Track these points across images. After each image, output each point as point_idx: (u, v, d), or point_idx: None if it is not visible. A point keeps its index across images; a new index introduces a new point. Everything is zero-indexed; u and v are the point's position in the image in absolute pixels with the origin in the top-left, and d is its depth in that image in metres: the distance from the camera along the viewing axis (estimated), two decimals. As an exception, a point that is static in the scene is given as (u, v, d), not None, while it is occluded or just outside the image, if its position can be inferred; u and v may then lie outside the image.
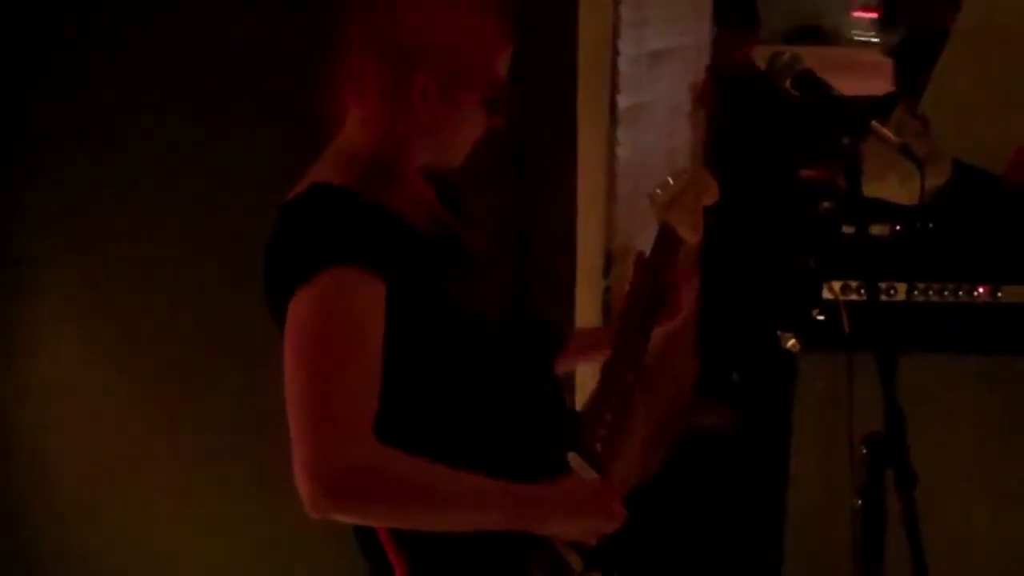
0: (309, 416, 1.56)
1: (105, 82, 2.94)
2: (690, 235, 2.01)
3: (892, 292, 3.11)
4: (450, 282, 1.77)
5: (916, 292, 3.12)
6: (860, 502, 1.77)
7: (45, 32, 2.93)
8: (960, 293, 3.13)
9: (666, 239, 2.00)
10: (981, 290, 3.12)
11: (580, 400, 2.52)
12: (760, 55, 1.97)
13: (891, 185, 3.17)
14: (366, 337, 1.61)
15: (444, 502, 1.64)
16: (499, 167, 2.64)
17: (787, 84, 1.88)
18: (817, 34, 9.38)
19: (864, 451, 1.76)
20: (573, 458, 1.79)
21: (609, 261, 3.05)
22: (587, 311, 2.94)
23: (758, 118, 4.32)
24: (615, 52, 2.93)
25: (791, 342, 3.12)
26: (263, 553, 3.21)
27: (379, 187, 1.72)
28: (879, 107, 3.74)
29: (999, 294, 3.13)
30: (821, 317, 3.08)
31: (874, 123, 1.80)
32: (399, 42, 1.72)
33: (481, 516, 1.67)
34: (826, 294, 3.09)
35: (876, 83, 4.05)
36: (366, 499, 1.58)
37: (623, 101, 2.99)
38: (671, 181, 2.01)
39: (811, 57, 1.98)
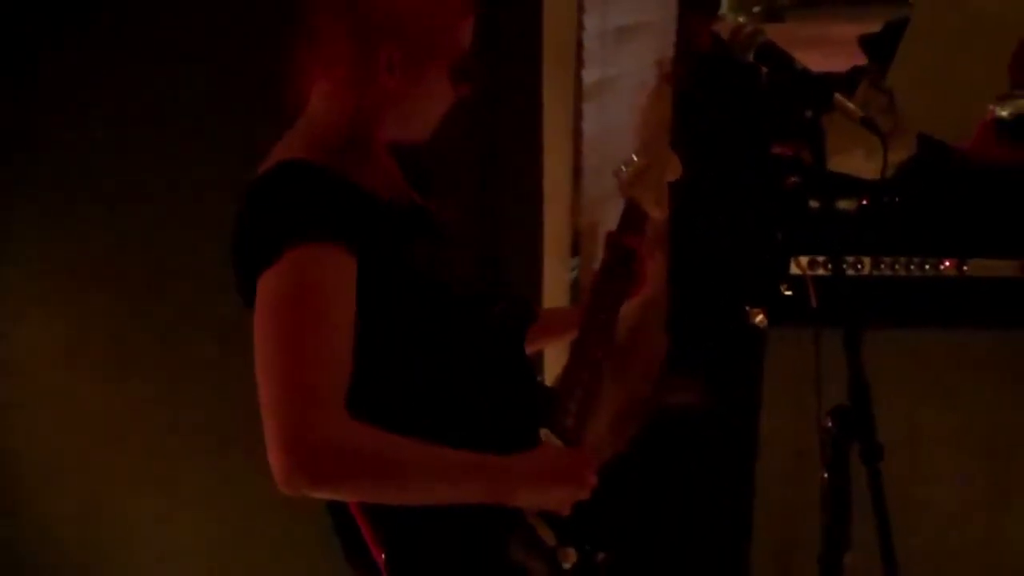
0: (280, 391, 1.55)
1: (77, 72, 2.91)
2: (655, 211, 2.03)
3: (859, 266, 3.12)
4: (420, 256, 1.77)
5: (882, 266, 3.13)
6: (827, 474, 1.78)
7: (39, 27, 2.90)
8: (926, 267, 3.14)
9: (632, 215, 2.02)
10: (947, 264, 3.14)
11: (549, 378, 2.52)
12: (724, 29, 1.97)
13: (857, 159, 3.18)
14: (336, 312, 1.61)
15: (417, 476, 1.64)
16: (464, 144, 2.63)
17: (750, 57, 1.88)
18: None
19: (830, 424, 1.77)
20: (545, 433, 1.79)
21: (577, 238, 3.04)
22: (555, 288, 2.94)
23: (725, 93, 4.32)
24: (580, 27, 2.92)
25: (759, 317, 3.12)
26: (257, 548, 3.20)
27: (347, 162, 1.72)
28: (845, 81, 3.75)
29: (965, 268, 3.14)
30: (789, 292, 3.09)
31: (837, 96, 1.80)
32: (364, 15, 1.71)
33: (455, 489, 1.67)
34: (793, 269, 3.09)
35: (842, 58, 4.06)
36: (339, 474, 1.58)
37: (588, 76, 2.99)
38: (635, 158, 2.03)
39: (778, 33, 1.98)
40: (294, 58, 1.78)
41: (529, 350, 2.10)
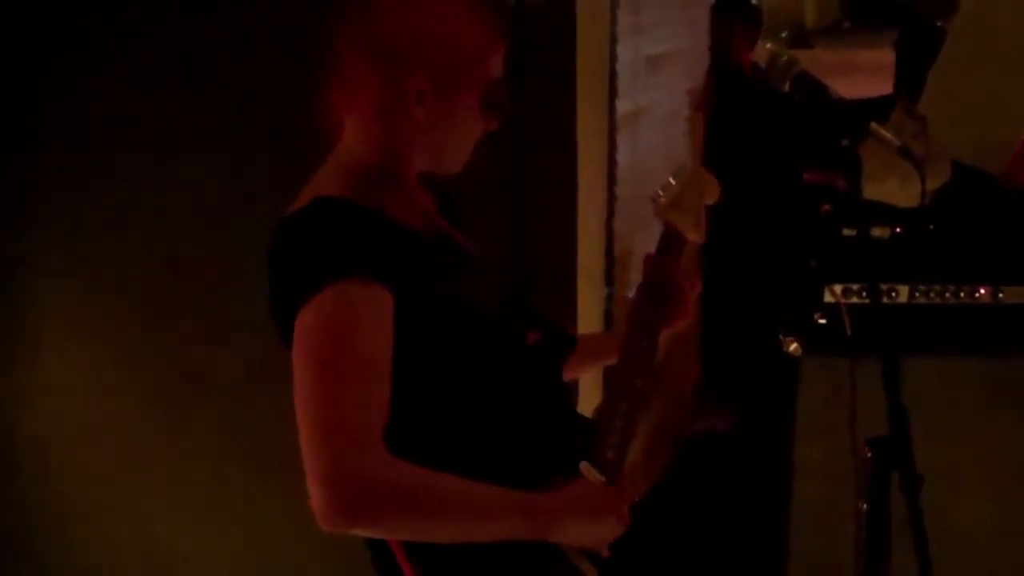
0: (320, 430, 1.55)
1: (108, 87, 2.95)
2: (694, 234, 2.00)
3: (894, 294, 3.11)
4: (455, 288, 1.76)
5: (918, 294, 3.11)
6: (865, 505, 1.77)
7: (45, 33, 2.93)
8: (962, 294, 3.12)
9: (670, 240, 2.00)
10: (983, 291, 3.12)
11: (583, 407, 2.51)
12: (759, 58, 1.97)
13: (891, 187, 3.17)
14: (375, 348, 1.61)
15: (455, 513, 1.63)
16: (500, 175, 2.65)
17: (785, 87, 1.88)
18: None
19: (868, 454, 1.76)
20: (585, 467, 1.77)
21: (611, 268, 3.04)
22: (589, 318, 2.94)
23: (758, 121, 4.31)
24: (613, 58, 2.93)
25: (793, 346, 3.12)
26: (264, 554, 3.21)
27: (380, 195, 1.72)
28: (877, 108, 3.73)
29: (1000, 295, 3.13)
30: (823, 320, 3.08)
31: (873, 125, 1.80)
32: (392, 46, 1.71)
33: (493, 526, 1.66)
34: (827, 297, 3.08)
35: (874, 85, 4.04)
36: (379, 512, 1.57)
37: (622, 106, 3.00)
38: (672, 181, 2.01)
39: (809, 59, 1.98)
40: (323, 91, 1.78)
41: (565, 378, 2.10)
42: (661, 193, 2.00)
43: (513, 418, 1.79)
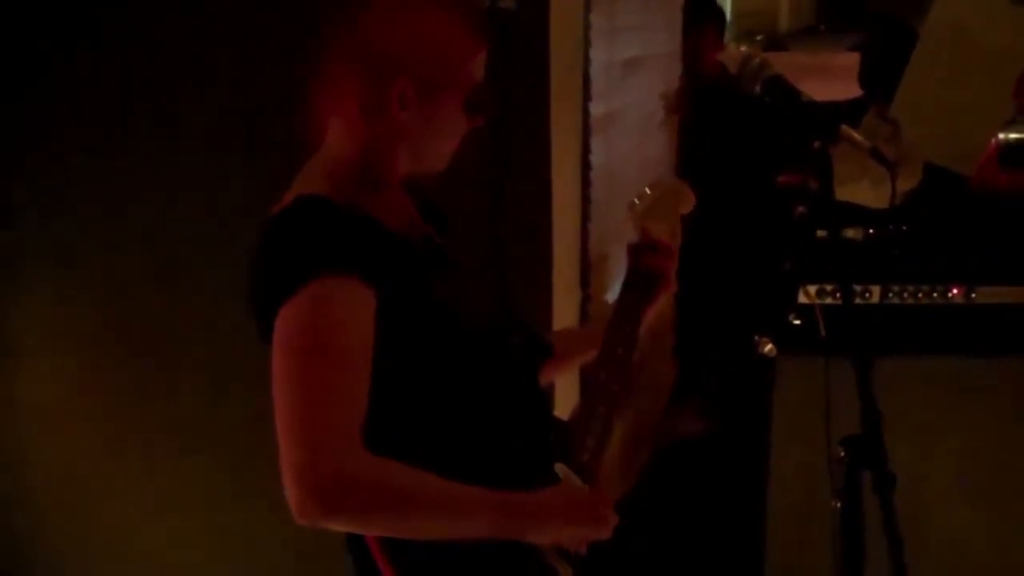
0: (298, 423, 1.55)
1: (92, 93, 2.94)
2: (669, 239, 2.05)
3: (867, 295, 3.12)
4: (436, 290, 1.77)
5: (891, 294, 3.13)
6: (839, 504, 1.78)
7: (30, 35, 2.93)
8: (935, 295, 3.15)
9: (646, 247, 2.04)
10: (955, 291, 3.14)
11: (560, 409, 2.52)
12: (730, 61, 1.99)
13: (864, 189, 3.19)
14: (355, 345, 1.61)
15: (432, 510, 1.64)
16: (473, 178, 2.65)
17: (757, 90, 1.89)
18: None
19: (842, 454, 1.77)
20: (560, 468, 1.79)
21: (586, 270, 3.05)
22: (564, 320, 2.94)
23: (731, 124, 4.33)
24: (587, 61, 2.94)
25: (768, 347, 3.13)
26: (245, 563, 3.20)
27: (363, 196, 1.73)
28: (850, 111, 3.76)
29: (973, 295, 3.15)
30: (797, 321, 3.09)
31: (844, 127, 1.81)
32: (375, 50, 1.72)
33: (471, 524, 1.67)
34: (802, 298, 3.10)
35: (846, 88, 4.07)
36: (355, 507, 1.57)
37: (596, 109, 3.00)
38: (648, 191, 2.05)
39: (782, 62, 1.99)
40: (308, 94, 1.79)
41: (543, 382, 2.11)
42: (637, 201, 2.04)
43: (491, 420, 1.80)
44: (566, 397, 2.65)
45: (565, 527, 1.73)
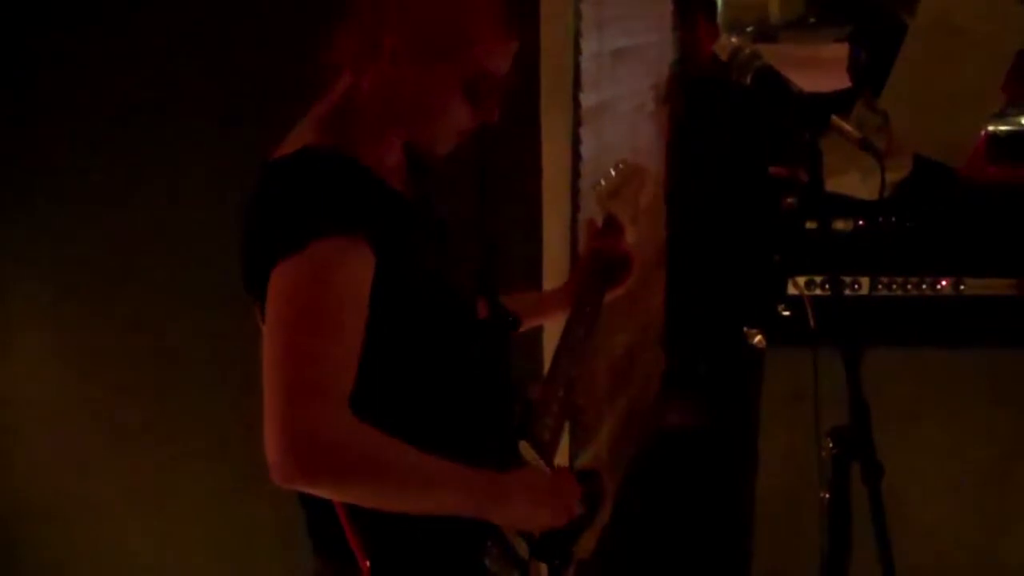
0: (287, 384, 1.54)
1: (78, 91, 2.93)
2: (630, 228, 2.11)
3: (856, 286, 3.13)
4: (430, 255, 1.78)
5: (880, 286, 3.14)
6: (827, 495, 1.79)
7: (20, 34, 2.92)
8: (924, 286, 3.16)
9: (609, 227, 2.11)
10: (944, 283, 3.16)
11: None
12: (721, 51, 1.99)
13: (853, 180, 3.19)
14: (351, 308, 1.61)
15: (409, 482, 1.64)
16: (464, 169, 2.64)
17: (747, 80, 1.90)
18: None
19: (830, 445, 1.78)
20: (523, 446, 1.82)
21: (576, 260, 3.05)
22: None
23: (721, 115, 4.33)
24: (577, 51, 2.93)
25: (757, 338, 3.14)
26: (229, 559, 3.20)
27: (361, 148, 1.72)
28: (839, 102, 3.76)
29: (961, 287, 3.16)
30: (786, 312, 3.10)
31: (834, 118, 1.81)
32: (379, 4, 1.72)
33: (442, 498, 1.68)
34: (791, 289, 3.10)
35: (836, 79, 4.07)
36: (334, 471, 1.57)
37: (586, 99, 2.99)
38: (612, 173, 2.10)
39: (772, 53, 2.00)
40: (321, 45, 1.77)
41: (526, 327, 2.16)
42: (602, 183, 2.09)
43: (462, 390, 1.81)
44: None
45: (532, 511, 1.77)
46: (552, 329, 2.39)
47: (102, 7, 2.90)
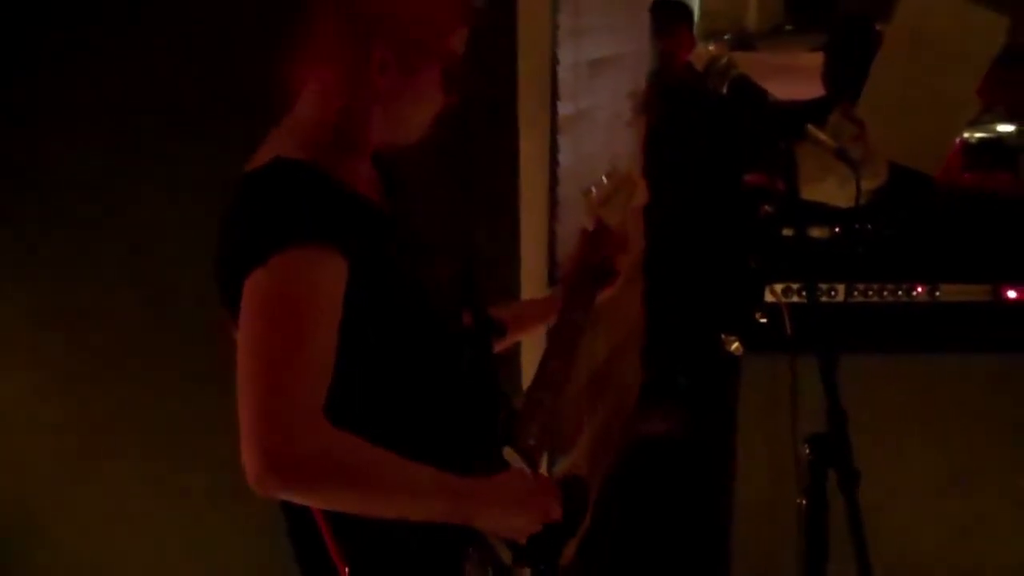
0: (261, 392, 1.55)
1: (67, 93, 2.92)
2: (621, 231, 2.13)
3: (833, 293, 3.15)
4: (406, 265, 1.78)
5: (856, 292, 3.16)
6: (804, 501, 1.79)
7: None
8: (899, 293, 3.17)
9: (600, 234, 2.11)
10: (920, 289, 3.17)
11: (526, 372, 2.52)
12: (698, 60, 2.00)
13: (830, 188, 3.21)
14: (325, 315, 1.61)
15: (390, 489, 1.65)
16: (441, 178, 2.65)
17: (724, 90, 1.91)
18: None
19: (807, 451, 1.79)
20: (508, 453, 1.82)
21: (554, 269, 3.06)
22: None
23: (698, 123, 4.35)
24: (554, 60, 2.94)
25: (734, 345, 3.15)
26: (215, 568, 3.19)
27: (335, 160, 1.72)
28: (815, 111, 3.79)
29: (937, 293, 3.18)
30: (763, 319, 3.11)
31: (809, 127, 1.82)
32: (359, 14, 1.72)
33: (423, 505, 1.68)
34: (768, 296, 3.12)
35: (812, 87, 4.10)
36: (309, 480, 1.57)
37: (563, 109, 3.01)
38: (604, 180, 2.11)
39: (748, 62, 2.01)
40: (286, 57, 1.77)
41: (504, 346, 2.15)
42: (594, 190, 2.09)
43: (444, 399, 1.81)
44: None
45: (513, 517, 1.77)
46: (529, 343, 2.40)
47: (102, 7, 2.89)
